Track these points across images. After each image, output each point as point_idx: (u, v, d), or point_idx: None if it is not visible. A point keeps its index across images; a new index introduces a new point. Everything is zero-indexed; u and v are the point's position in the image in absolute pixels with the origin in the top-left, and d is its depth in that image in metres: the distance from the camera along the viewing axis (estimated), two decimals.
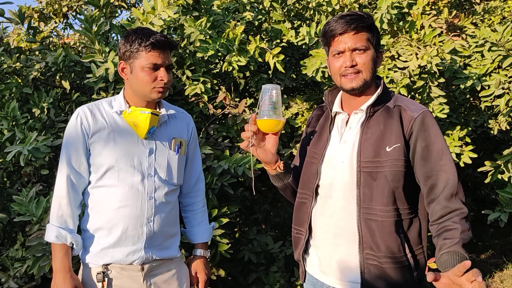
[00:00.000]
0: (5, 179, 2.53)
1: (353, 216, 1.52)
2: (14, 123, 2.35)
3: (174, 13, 2.41)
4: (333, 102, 1.68)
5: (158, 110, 1.80)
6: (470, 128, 3.16)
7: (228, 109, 2.72)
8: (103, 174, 1.70)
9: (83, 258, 1.73)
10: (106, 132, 1.71)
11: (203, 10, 2.68)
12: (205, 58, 2.65)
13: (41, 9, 3.70)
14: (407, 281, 1.49)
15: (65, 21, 3.77)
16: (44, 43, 2.80)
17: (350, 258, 1.53)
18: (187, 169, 1.92)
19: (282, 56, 2.61)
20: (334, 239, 1.57)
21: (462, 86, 2.67)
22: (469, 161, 2.83)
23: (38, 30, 2.80)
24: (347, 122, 1.62)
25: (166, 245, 1.79)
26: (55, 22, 3.75)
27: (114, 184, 1.69)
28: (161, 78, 1.69)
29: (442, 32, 2.90)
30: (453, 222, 1.40)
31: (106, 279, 1.67)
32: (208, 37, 2.54)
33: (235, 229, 3.43)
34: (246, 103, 2.77)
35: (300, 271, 1.74)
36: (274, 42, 2.93)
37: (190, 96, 2.59)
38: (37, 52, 2.86)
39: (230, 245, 2.40)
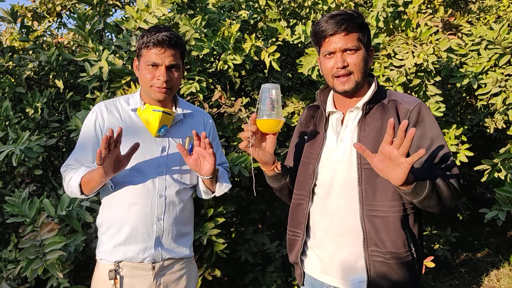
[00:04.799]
0: None
1: (356, 214, 1.51)
2: (7, 122, 2.32)
3: (169, 12, 2.39)
4: (326, 102, 1.67)
5: (173, 109, 1.80)
6: (466, 127, 3.15)
7: (223, 108, 2.69)
8: None
9: (97, 255, 1.75)
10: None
11: (198, 9, 2.66)
12: (201, 57, 2.63)
13: (35, 8, 3.67)
14: (411, 276, 1.50)
15: (59, 20, 3.74)
16: (37, 42, 2.77)
17: (355, 257, 1.52)
18: None
19: (278, 55, 2.59)
20: (337, 238, 1.56)
21: (458, 85, 2.66)
22: (465, 160, 2.82)
23: (31, 29, 2.76)
24: (342, 120, 1.62)
25: (178, 244, 1.79)
26: (49, 21, 3.71)
27: (126, 181, 1.70)
28: (159, 77, 1.67)
29: (438, 30, 2.89)
30: (447, 179, 1.41)
31: (118, 277, 1.69)
32: (203, 35, 2.52)
33: (232, 229, 3.41)
34: (242, 102, 2.74)
35: (297, 273, 1.72)
36: (270, 41, 2.91)
37: (185, 95, 2.56)
38: (30, 51, 2.82)
39: (226, 245, 2.38)
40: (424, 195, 1.34)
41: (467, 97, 3.26)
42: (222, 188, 1.87)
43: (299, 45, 2.67)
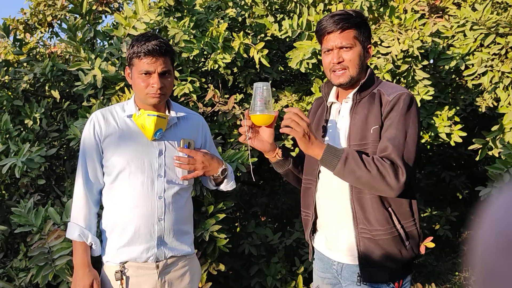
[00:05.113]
0: (3, 191, 2.56)
1: (347, 197, 1.66)
2: (7, 135, 2.38)
3: (157, 16, 2.44)
4: (329, 93, 1.82)
5: (167, 113, 1.86)
6: (458, 108, 3.19)
7: (217, 106, 2.75)
8: (116, 176, 1.78)
9: (103, 257, 1.82)
10: (117, 135, 1.79)
11: (185, 11, 2.70)
12: (191, 58, 2.68)
13: (26, 20, 3.71)
14: (400, 251, 1.63)
15: (50, 30, 3.78)
16: (31, 54, 2.83)
17: (350, 235, 1.67)
18: None
19: (266, 51, 2.63)
20: (337, 219, 1.71)
21: (446, 67, 2.71)
22: (460, 140, 2.87)
23: (24, 42, 2.81)
24: (339, 110, 1.76)
25: (179, 243, 1.86)
26: (41, 32, 3.76)
27: (126, 185, 1.77)
28: (153, 85, 1.73)
29: (424, 15, 2.93)
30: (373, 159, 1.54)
31: (124, 277, 1.76)
32: (192, 37, 2.57)
33: (236, 224, 3.48)
34: (235, 99, 2.80)
35: (309, 249, 1.91)
36: (259, 37, 2.96)
37: (179, 96, 2.62)
38: (25, 64, 2.88)
39: (228, 240, 2.44)
40: (337, 170, 1.52)
41: (457, 78, 3.30)
42: (228, 186, 2.00)
43: (287, 39, 2.72)
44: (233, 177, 2.04)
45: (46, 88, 2.74)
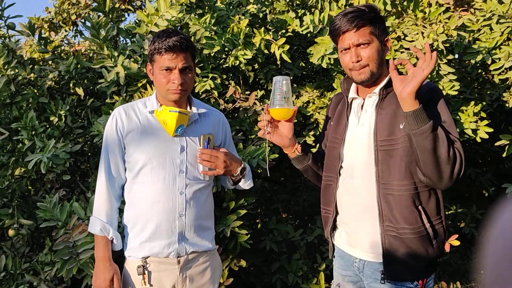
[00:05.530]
0: (29, 187, 2.62)
1: (373, 193, 1.64)
2: (33, 132, 2.43)
3: (178, 13, 2.45)
4: (349, 89, 1.80)
5: (188, 109, 1.87)
6: (484, 103, 3.12)
7: (238, 103, 2.75)
8: (138, 172, 1.80)
9: (125, 252, 1.85)
10: (139, 131, 1.81)
11: (206, 7, 2.71)
12: (212, 55, 2.68)
13: (51, 19, 3.78)
14: (427, 250, 1.60)
15: (74, 28, 3.85)
16: (56, 52, 2.88)
17: (373, 232, 1.65)
18: None
19: (287, 47, 2.62)
20: (358, 215, 1.70)
21: (472, 61, 2.65)
22: (486, 136, 2.80)
23: (49, 40, 2.87)
24: (362, 106, 1.74)
25: (200, 238, 1.87)
26: (65, 31, 3.83)
27: (148, 181, 1.79)
28: (174, 81, 1.74)
29: (449, 8, 2.86)
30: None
31: (146, 272, 1.78)
32: (213, 33, 2.57)
33: (257, 220, 3.48)
34: (256, 95, 2.79)
35: (329, 246, 1.89)
36: (280, 33, 2.94)
37: (200, 93, 2.63)
38: (50, 62, 2.94)
39: (249, 236, 2.44)
40: (424, 128, 1.44)
41: (483, 73, 3.22)
42: (246, 185, 2.01)
43: (308, 35, 2.70)
44: (250, 176, 2.04)
45: (71, 85, 2.79)
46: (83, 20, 3.71)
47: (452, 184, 1.53)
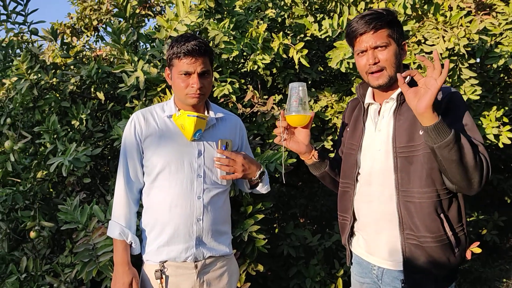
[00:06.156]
0: (51, 189, 2.66)
1: (392, 200, 1.60)
2: (55, 136, 2.47)
3: (198, 18, 2.47)
4: (365, 95, 1.77)
5: (206, 113, 1.88)
6: (507, 108, 3.06)
7: (256, 107, 2.75)
8: (156, 176, 1.80)
9: (143, 256, 1.86)
10: (157, 135, 1.82)
11: (225, 12, 2.72)
12: (231, 59, 2.69)
13: (73, 25, 3.86)
14: (448, 259, 1.56)
15: (96, 34, 3.91)
16: (77, 57, 2.93)
17: (393, 239, 1.62)
18: None
19: (306, 51, 2.61)
20: (376, 222, 1.66)
21: (494, 66, 2.60)
22: (508, 141, 2.75)
23: (71, 45, 2.92)
24: (379, 111, 1.70)
25: (217, 243, 1.87)
26: (87, 36, 3.89)
27: (166, 185, 1.80)
28: (192, 85, 1.75)
29: (470, 12, 2.82)
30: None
31: (163, 276, 1.79)
32: (232, 38, 2.59)
33: (274, 225, 3.47)
34: (274, 100, 2.79)
35: (346, 254, 1.85)
36: (299, 37, 2.94)
37: (218, 97, 2.64)
38: (72, 67, 2.99)
39: (266, 240, 2.44)
40: (447, 140, 1.38)
41: (506, 77, 3.16)
42: (263, 189, 2.01)
43: (327, 39, 2.69)
44: (267, 180, 2.04)
45: (92, 90, 2.83)
46: (104, 26, 3.77)
47: (481, 188, 1.48)
